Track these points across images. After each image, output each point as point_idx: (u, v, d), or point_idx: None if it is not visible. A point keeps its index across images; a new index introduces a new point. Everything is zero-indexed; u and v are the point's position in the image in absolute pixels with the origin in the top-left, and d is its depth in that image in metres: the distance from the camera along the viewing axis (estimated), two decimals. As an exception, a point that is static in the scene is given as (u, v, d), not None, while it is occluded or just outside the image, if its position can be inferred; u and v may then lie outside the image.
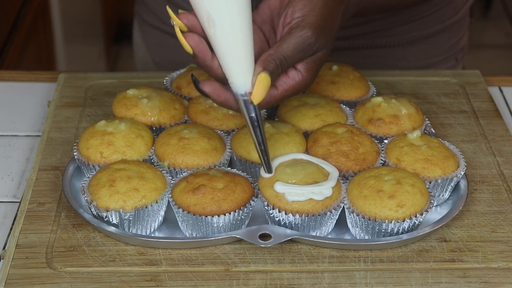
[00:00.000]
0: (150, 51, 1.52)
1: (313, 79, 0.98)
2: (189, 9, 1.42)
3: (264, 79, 0.92)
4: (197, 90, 0.95)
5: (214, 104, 1.16)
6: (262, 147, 0.97)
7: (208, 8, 0.91)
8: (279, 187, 0.99)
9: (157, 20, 1.48)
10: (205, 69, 0.95)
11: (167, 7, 0.94)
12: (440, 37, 1.44)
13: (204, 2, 0.91)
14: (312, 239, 1.00)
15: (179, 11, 0.94)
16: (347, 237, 1.04)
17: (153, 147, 1.10)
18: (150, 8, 1.48)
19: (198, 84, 0.94)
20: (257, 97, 0.93)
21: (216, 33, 0.92)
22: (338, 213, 1.03)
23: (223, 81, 0.95)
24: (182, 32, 0.93)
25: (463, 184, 1.08)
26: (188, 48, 0.93)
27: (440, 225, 1.02)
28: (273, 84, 0.95)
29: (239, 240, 1.01)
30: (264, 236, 1.00)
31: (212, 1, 0.90)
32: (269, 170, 1.00)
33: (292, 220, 1.00)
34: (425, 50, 1.44)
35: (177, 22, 0.93)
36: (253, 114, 0.95)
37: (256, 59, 0.95)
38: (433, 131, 1.16)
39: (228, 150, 1.10)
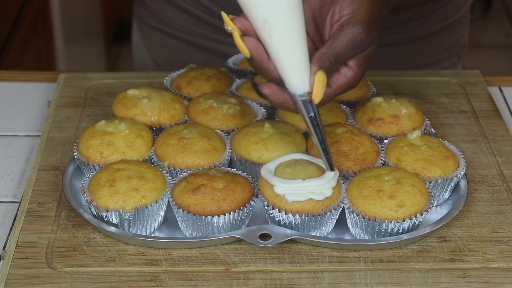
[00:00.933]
0: (151, 52, 1.52)
1: (363, 75, 0.99)
2: (189, 8, 1.43)
3: (321, 78, 0.93)
4: (256, 92, 0.95)
5: (214, 104, 1.16)
6: (324, 146, 0.97)
7: (265, 14, 0.91)
8: (279, 189, 0.99)
9: (157, 21, 1.48)
10: (261, 72, 0.95)
11: (222, 13, 0.93)
12: (442, 34, 1.44)
13: (260, 7, 0.91)
14: (312, 239, 1.00)
15: (230, 16, 0.94)
16: (347, 237, 1.04)
17: (153, 147, 1.10)
18: (150, 10, 1.48)
19: (258, 87, 0.94)
20: (318, 96, 0.93)
21: (273, 37, 0.92)
22: (338, 213, 1.03)
23: (279, 83, 0.95)
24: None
25: (463, 184, 1.08)
26: (246, 51, 0.93)
27: (440, 225, 1.02)
28: (327, 82, 0.95)
29: (239, 240, 1.01)
30: (264, 236, 1.00)
31: (269, 6, 0.90)
32: (331, 168, 0.99)
33: (292, 220, 1.00)
34: (428, 48, 1.44)
35: (232, 27, 0.93)
36: (312, 114, 0.95)
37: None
38: (433, 131, 1.16)
39: (228, 150, 1.10)
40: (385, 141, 1.12)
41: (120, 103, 1.17)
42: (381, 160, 1.09)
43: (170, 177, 1.06)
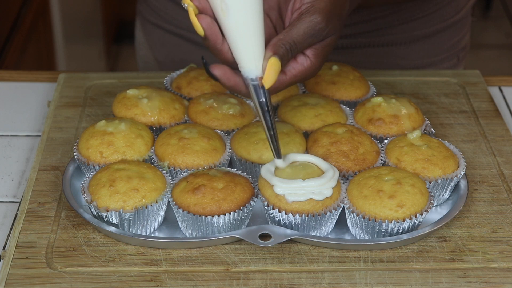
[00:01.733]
0: (153, 50, 1.52)
1: (321, 65, 0.98)
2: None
3: (274, 63, 0.93)
4: (207, 73, 0.95)
5: (214, 104, 1.16)
6: (272, 132, 0.97)
7: None
8: (279, 189, 0.99)
9: (159, 19, 1.48)
10: (214, 53, 0.95)
11: None
12: (441, 36, 1.44)
13: None
14: (312, 239, 1.00)
15: None
16: (347, 237, 1.04)
17: (153, 147, 1.10)
18: (152, 7, 1.48)
19: (208, 67, 0.94)
20: (268, 81, 0.93)
21: (229, 18, 0.92)
22: (338, 213, 1.03)
23: (233, 66, 0.95)
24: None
25: (463, 184, 1.08)
26: (200, 29, 0.93)
27: (440, 225, 1.02)
28: (282, 70, 0.95)
29: (239, 240, 1.01)
30: (264, 236, 1.00)
31: None
32: (278, 155, 0.99)
33: (292, 220, 1.00)
34: (427, 49, 1.44)
35: (188, 4, 0.93)
36: (262, 99, 0.95)
37: (265, 45, 0.95)
38: (433, 131, 1.16)
39: (228, 150, 1.10)
40: (385, 141, 1.12)
41: (120, 103, 1.17)
42: (381, 160, 1.09)
43: (170, 177, 1.06)
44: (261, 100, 0.94)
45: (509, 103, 1.33)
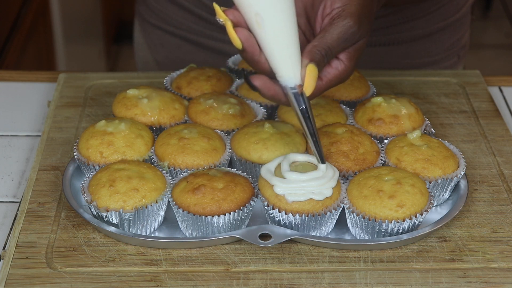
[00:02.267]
0: (152, 50, 1.52)
1: (354, 68, 0.99)
2: (189, 6, 1.43)
3: (313, 70, 0.94)
4: (247, 84, 0.95)
5: (214, 104, 1.16)
6: (315, 138, 0.97)
7: (257, 7, 0.91)
8: (279, 189, 0.99)
9: (158, 19, 1.48)
10: (252, 64, 0.95)
11: (214, 4, 0.94)
12: (442, 34, 1.44)
13: (252, 1, 0.91)
14: (312, 239, 1.00)
15: (222, 8, 0.94)
16: (347, 237, 1.04)
17: (153, 147, 1.10)
18: (152, 8, 1.48)
19: (249, 79, 0.95)
20: (309, 88, 0.94)
21: (265, 31, 0.92)
22: (338, 213, 1.03)
23: (270, 75, 0.95)
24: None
25: (463, 184, 1.08)
26: (238, 42, 0.93)
27: (440, 225, 1.02)
28: (318, 75, 0.96)
29: (239, 240, 1.01)
30: (264, 236, 1.00)
31: (261, 0, 0.91)
32: (322, 161, 1.00)
33: (292, 220, 1.00)
34: (428, 48, 1.44)
35: (224, 18, 0.93)
36: (303, 106, 0.95)
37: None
38: (433, 131, 1.16)
39: (228, 150, 1.10)
40: (385, 141, 1.12)
41: (120, 103, 1.17)
42: (381, 160, 1.09)
43: (170, 177, 1.06)
44: (302, 107, 0.95)
45: (509, 103, 1.33)
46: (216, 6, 0.93)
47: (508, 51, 3.68)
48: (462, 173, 1.07)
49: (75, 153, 1.10)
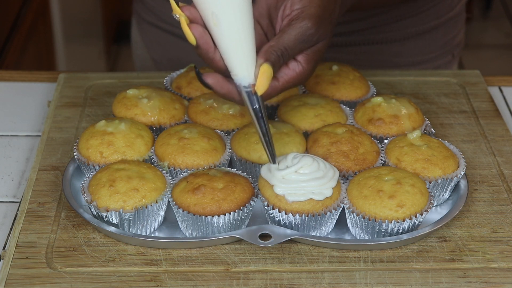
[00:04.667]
0: (149, 49, 1.52)
1: (313, 70, 0.99)
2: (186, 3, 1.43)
3: (266, 70, 0.94)
4: (200, 81, 0.95)
5: (214, 104, 1.16)
6: (267, 138, 0.98)
7: (214, 7, 0.92)
8: (279, 189, 0.99)
9: (155, 18, 1.48)
10: (207, 61, 0.96)
11: (171, 0, 0.94)
12: (436, 32, 1.44)
13: (209, 1, 0.92)
14: (312, 239, 1.00)
15: (180, 4, 0.95)
16: (347, 237, 1.04)
17: (153, 147, 1.10)
18: (148, 7, 1.48)
19: (201, 76, 0.95)
20: (261, 88, 0.94)
21: (220, 29, 0.93)
22: (338, 213, 1.03)
23: (225, 73, 0.96)
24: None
25: (463, 184, 1.08)
26: (192, 39, 0.94)
27: (440, 225, 1.02)
28: (274, 76, 0.96)
29: (239, 240, 1.01)
30: (264, 236, 1.00)
31: (218, 0, 0.91)
32: (273, 161, 1.00)
33: (292, 220, 1.00)
34: (422, 46, 1.44)
35: (180, 14, 0.94)
36: (256, 106, 0.95)
37: (256, 52, 0.95)
38: (433, 131, 1.16)
39: (228, 150, 1.11)
40: (385, 141, 1.12)
41: (120, 103, 1.17)
42: (381, 160, 1.09)
43: (170, 177, 1.06)
44: (254, 106, 0.95)
45: (509, 103, 1.33)
46: (172, 2, 0.94)
47: (508, 51, 3.68)
48: (462, 173, 1.07)
49: (75, 153, 1.10)
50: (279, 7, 0.98)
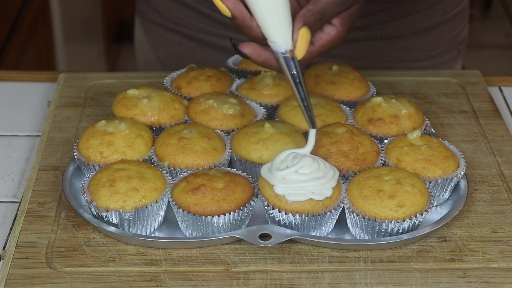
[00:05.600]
0: (154, 48, 1.52)
1: (347, 34, 0.99)
2: (191, 2, 1.43)
3: (305, 34, 0.94)
4: (236, 52, 0.96)
5: (214, 104, 1.16)
6: (305, 103, 0.98)
7: None
8: (279, 189, 0.99)
9: (160, 17, 1.48)
10: (243, 31, 0.96)
11: None
12: (442, 28, 1.44)
13: None
14: (312, 239, 1.00)
15: None
16: (347, 237, 1.04)
17: (153, 147, 1.10)
18: (153, 6, 1.49)
19: (238, 47, 0.95)
20: (301, 52, 0.94)
21: None
22: (338, 213, 1.03)
23: (262, 42, 0.96)
24: None
25: (463, 184, 1.08)
26: (226, 11, 0.94)
27: (440, 225, 1.02)
28: (310, 41, 0.96)
29: (239, 240, 1.01)
30: (264, 236, 1.00)
31: None
32: (313, 125, 1.00)
33: (292, 220, 1.00)
34: (428, 41, 1.44)
35: None
36: (294, 71, 0.96)
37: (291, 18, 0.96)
38: (433, 131, 1.16)
39: (228, 150, 1.10)
40: (385, 141, 1.12)
41: (120, 103, 1.17)
42: (381, 160, 1.09)
43: (170, 177, 1.06)
44: (292, 72, 0.95)
45: (509, 103, 1.33)
46: None
47: (508, 51, 3.68)
48: (462, 173, 1.07)
49: (75, 153, 1.10)
50: None
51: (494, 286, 0.96)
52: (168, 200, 1.03)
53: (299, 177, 0.99)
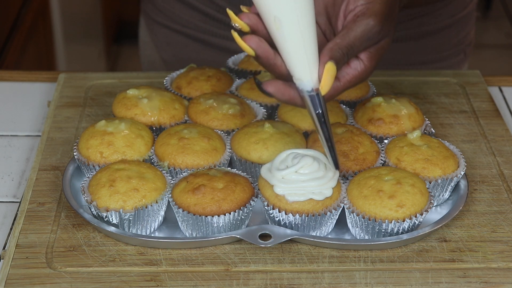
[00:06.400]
0: (159, 49, 1.52)
1: (374, 69, 0.96)
2: (196, 4, 1.43)
3: (331, 68, 0.91)
4: (260, 91, 0.93)
5: (214, 104, 1.16)
6: (329, 144, 0.95)
7: (275, 11, 0.89)
8: (279, 189, 0.99)
9: (165, 18, 1.48)
10: (268, 68, 0.93)
11: (228, 10, 0.92)
12: (450, 31, 1.44)
13: (271, 4, 0.89)
14: (312, 239, 1.00)
15: (244, 9, 0.93)
16: (347, 237, 1.04)
17: (153, 147, 1.10)
18: (158, 7, 1.49)
19: (261, 85, 0.92)
20: (325, 87, 0.91)
21: (283, 32, 0.90)
22: (338, 213, 1.03)
23: (287, 78, 0.93)
24: (240, 36, 0.91)
25: (463, 184, 1.08)
26: (249, 51, 0.91)
27: (440, 225, 1.02)
28: (335, 76, 0.93)
29: (239, 240, 1.01)
30: (264, 236, 1.00)
31: (280, 3, 0.89)
32: (337, 166, 0.97)
33: (292, 220, 1.00)
34: (435, 44, 1.44)
35: (239, 23, 0.91)
36: (319, 111, 0.92)
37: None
38: (433, 131, 1.16)
39: (228, 150, 1.11)
40: (385, 141, 1.12)
41: (120, 103, 1.17)
42: (381, 160, 1.09)
43: (170, 177, 1.06)
44: (318, 111, 0.92)
45: (509, 103, 1.33)
46: (230, 12, 0.92)
47: (508, 51, 3.68)
48: (462, 173, 1.07)
49: (75, 153, 1.10)
50: (339, 3, 0.96)
51: (494, 286, 0.96)
52: (168, 200, 1.03)
53: (299, 177, 0.99)
